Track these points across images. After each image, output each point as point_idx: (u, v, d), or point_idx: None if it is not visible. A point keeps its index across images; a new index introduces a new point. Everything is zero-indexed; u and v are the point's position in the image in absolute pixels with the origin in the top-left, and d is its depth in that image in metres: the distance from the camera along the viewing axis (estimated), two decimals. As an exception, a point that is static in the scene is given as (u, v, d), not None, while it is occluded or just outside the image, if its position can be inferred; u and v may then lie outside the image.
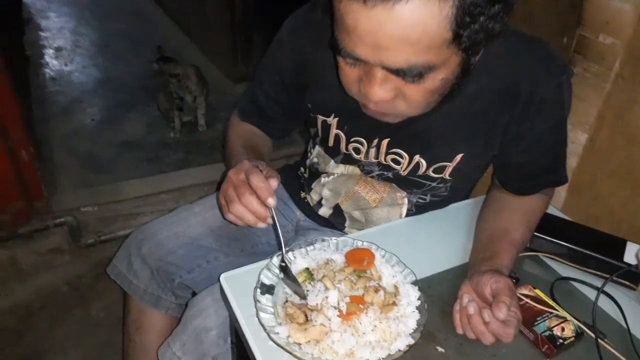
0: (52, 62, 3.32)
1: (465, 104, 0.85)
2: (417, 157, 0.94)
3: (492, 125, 0.88)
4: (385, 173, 0.99)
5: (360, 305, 0.74)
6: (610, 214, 1.05)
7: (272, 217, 0.79)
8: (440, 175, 0.95)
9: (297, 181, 1.19)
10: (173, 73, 2.44)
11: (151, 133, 2.60)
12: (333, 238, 0.91)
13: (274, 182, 0.77)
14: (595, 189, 1.07)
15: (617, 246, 0.92)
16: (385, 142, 0.95)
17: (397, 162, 0.96)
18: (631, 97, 0.95)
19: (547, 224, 0.97)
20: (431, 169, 0.94)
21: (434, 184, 0.98)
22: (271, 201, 0.76)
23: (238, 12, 2.85)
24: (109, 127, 2.62)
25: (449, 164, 0.93)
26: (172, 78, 2.44)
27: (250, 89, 1.09)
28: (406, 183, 0.99)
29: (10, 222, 1.74)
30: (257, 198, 0.77)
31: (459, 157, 0.92)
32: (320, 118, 0.99)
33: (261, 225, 0.79)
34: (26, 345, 1.59)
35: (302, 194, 1.17)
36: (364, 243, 0.89)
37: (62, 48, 3.55)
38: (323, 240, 0.90)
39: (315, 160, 1.10)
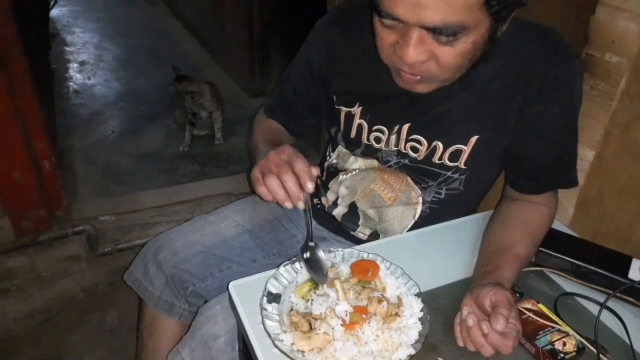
0: (76, 76, 3.43)
1: (482, 87, 0.91)
2: (435, 143, 0.97)
3: (507, 107, 0.91)
4: (402, 160, 1.02)
5: (363, 315, 0.76)
6: (618, 231, 1.05)
7: (306, 202, 0.82)
8: (456, 164, 0.97)
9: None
10: (188, 90, 2.51)
11: (169, 145, 2.66)
12: (339, 249, 0.93)
13: (315, 170, 0.81)
14: (602, 205, 1.07)
15: (622, 262, 0.92)
16: (405, 127, 0.98)
17: (416, 150, 0.99)
18: (637, 114, 0.96)
19: (553, 239, 0.97)
20: (447, 153, 0.97)
21: (449, 174, 0.99)
22: (310, 185, 0.79)
23: (256, 29, 2.91)
24: (129, 139, 2.69)
25: (465, 147, 0.95)
26: (187, 95, 2.51)
27: (278, 88, 1.16)
28: (421, 173, 1.02)
29: (31, 229, 1.80)
30: (296, 179, 0.79)
31: (474, 139, 0.94)
32: (344, 110, 1.04)
33: (288, 205, 0.80)
34: (43, 349, 1.63)
35: (315, 201, 1.20)
36: (370, 255, 0.91)
37: (85, 62, 3.67)
38: (330, 251, 0.93)
39: (334, 161, 1.14)
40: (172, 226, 2.05)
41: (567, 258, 0.93)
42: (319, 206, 1.18)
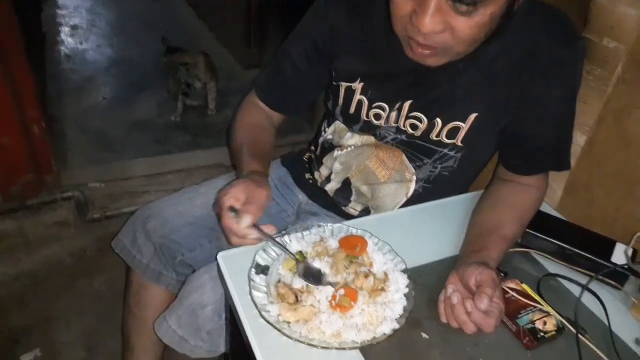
0: (67, 40, 3.36)
1: (487, 65, 0.90)
2: (434, 120, 0.96)
3: (511, 86, 0.91)
4: (399, 136, 1.02)
5: (352, 302, 0.76)
6: (604, 216, 1.06)
7: (263, 238, 0.86)
8: (453, 141, 0.97)
9: (302, 165, 1.22)
10: (182, 62, 2.47)
11: (161, 114, 2.63)
12: (329, 224, 0.93)
13: (246, 220, 0.84)
14: (591, 190, 1.08)
15: (606, 246, 0.94)
16: (407, 104, 0.98)
17: (415, 127, 0.99)
18: (632, 101, 0.97)
19: (540, 222, 0.98)
20: (445, 130, 0.96)
21: (445, 150, 0.99)
22: (252, 236, 0.85)
23: (254, -1, 2.86)
24: (120, 107, 2.65)
25: (463, 124, 0.95)
26: (181, 67, 2.48)
27: (273, 63, 1.12)
28: (417, 149, 1.02)
29: (20, 194, 1.79)
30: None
31: (472, 116, 0.94)
32: (344, 85, 1.03)
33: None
34: (31, 312, 1.64)
35: (307, 175, 1.19)
36: (358, 230, 0.91)
37: (78, 26, 3.58)
38: (319, 226, 0.93)
39: (329, 137, 1.13)
40: (162, 195, 2.04)
41: (553, 240, 0.95)
42: (310, 181, 1.18)
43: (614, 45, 0.98)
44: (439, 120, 0.96)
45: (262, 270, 0.84)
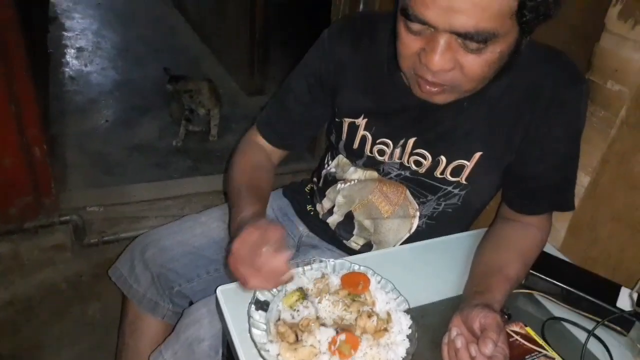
0: (72, 62, 3.39)
1: (491, 104, 0.90)
2: (439, 157, 0.96)
3: (514, 125, 0.91)
4: (403, 172, 1.01)
5: (353, 351, 0.74)
6: (608, 258, 1.05)
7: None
8: (457, 179, 0.97)
9: (303, 196, 1.22)
10: (186, 89, 2.49)
11: (162, 138, 2.64)
12: (331, 260, 0.92)
13: (286, 253, 0.77)
14: (594, 231, 1.07)
15: (611, 290, 0.93)
16: (411, 141, 0.97)
17: (419, 164, 0.98)
18: (635, 144, 0.97)
19: (544, 263, 0.97)
20: (449, 168, 0.96)
21: (449, 188, 0.99)
22: (286, 277, 0.79)
23: (258, 27, 2.90)
24: (122, 130, 2.67)
25: (467, 163, 0.95)
26: (185, 94, 2.50)
27: (275, 98, 1.12)
28: (422, 186, 1.01)
29: (17, 216, 1.77)
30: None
31: (477, 155, 0.94)
32: (348, 120, 1.02)
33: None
34: (23, 338, 1.61)
35: (309, 207, 1.18)
36: (361, 267, 0.90)
37: (83, 49, 3.63)
38: (321, 261, 0.92)
39: (333, 170, 1.12)
40: (161, 221, 2.04)
41: (557, 283, 0.93)
42: (312, 213, 1.17)
43: (618, 89, 0.98)
44: (443, 158, 0.96)
45: (262, 306, 0.83)
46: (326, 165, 1.15)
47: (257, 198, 0.99)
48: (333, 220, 1.12)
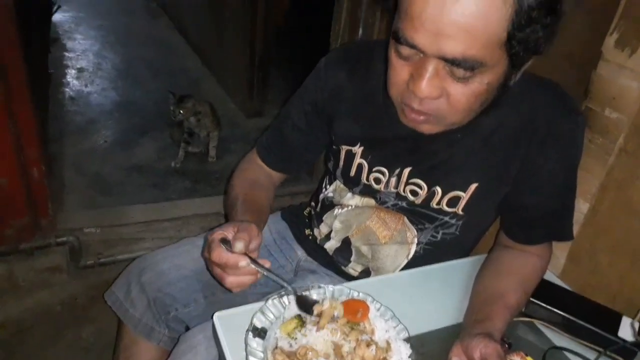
0: (73, 82, 3.41)
1: (485, 136, 0.90)
2: (434, 188, 0.96)
3: (509, 157, 0.91)
4: (400, 203, 1.01)
5: None
6: (608, 285, 1.05)
7: (259, 271, 0.83)
8: (454, 210, 0.97)
9: (301, 220, 1.21)
10: (196, 111, 2.49)
11: (161, 159, 2.64)
12: (330, 286, 0.91)
13: (239, 245, 0.81)
14: (594, 258, 1.07)
15: (612, 319, 0.92)
16: (406, 171, 0.97)
17: (415, 194, 0.98)
18: (634, 172, 0.97)
19: (544, 291, 0.97)
20: (445, 199, 0.96)
21: (446, 219, 0.99)
22: (243, 263, 0.81)
23: (258, 50, 2.93)
24: (121, 150, 2.67)
25: (463, 194, 0.95)
26: (192, 117, 2.50)
27: (275, 123, 1.14)
28: (419, 215, 1.01)
29: (14, 237, 1.75)
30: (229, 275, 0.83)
31: (473, 186, 0.94)
32: (345, 148, 1.03)
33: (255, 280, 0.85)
34: (15, 362, 1.58)
35: (307, 231, 1.18)
36: (360, 294, 0.89)
37: (84, 69, 3.65)
38: (319, 287, 0.91)
39: (330, 194, 1.12)
40: (158, 243, 2.03)
41: (558, 311, 0.93)
42: (310, 237, 1.17)
43: (616, 116, 0.99)
44: (438, 189, 0.96)
45: (260, 333, 0.82)
46: (324, 190, 1.15)
47: (251, 211, 0.99)
48: (330, 246, 1.11)
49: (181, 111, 2.48)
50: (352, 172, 1.03)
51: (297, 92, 1.09)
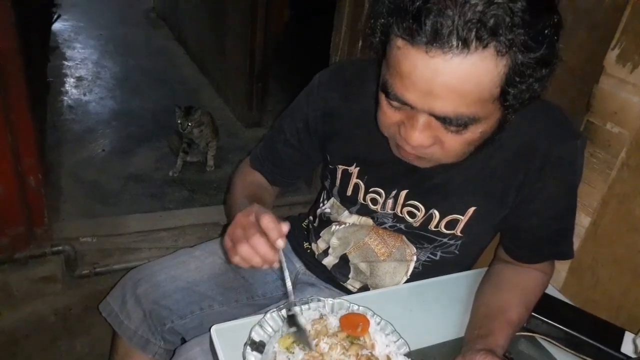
0: (71, 91, 3.41)
1: (484, 160, 0.88)
2: (432, 211, 0.95)
3: (508, 181, 0.89)
4: (398, 225, 1.00)
5: None
6: (610, 300, 1.04)
7: (280, 261, 0.79)
8: (452, 232, 0.96)
9: (300, 232, 1.20)
10: (201, 122, 2.50)
11: (159, 169, 2.63)
12: (329, 299, 0.90)
13: (285, 226, 0.77)
14: (596, 273, 1.06)
15: (615, 335, 0.91)
16: (403, 193, 0.96)
17: (413, 215, 0.97)
18: (636, 186, 0.96)
19: (546, 306, 0.95)
20: (443, 222, 0.95)
21: (445, 240, 0.97)
22: (280, 242, 0.76)
23: (257, 60, 2.94)
24: (118, 159, 2.66)
25: (462, 217, 0.93)
26: (197, 128, 2.50)
27: (268, 137, 1.12)
28: (417, 236, 0.99)
29: (8, 246, 1.74)
30: (267, 240, 0.76)
31: (471, 210, 0.93)
32: (341, 167, 1.01)
33: (266, 267, 0.79)
34: (7, 374, 1.56)
35: (306, 245, 1.17)
36: (360, 308, 0.88)
37: (83, 78, 3.65)
38: (319, 300, 0.90)
39: (327, 210, 1.11)
40: (154, 253, 2.01)
41: (560, 326, 0.91)
42: (309, 251, 1.16)
43: (618, 131, 0.99)
44: (436, 212, 0.94)
45: (257, 347, 0.80)
46: (321, 205, 1.14)
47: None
48: (329, 262, 1.10)
49: (189, 123, 2.48)
50: (349, 192, 1.02)
51: (289, 108, 1.07)
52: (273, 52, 2.98)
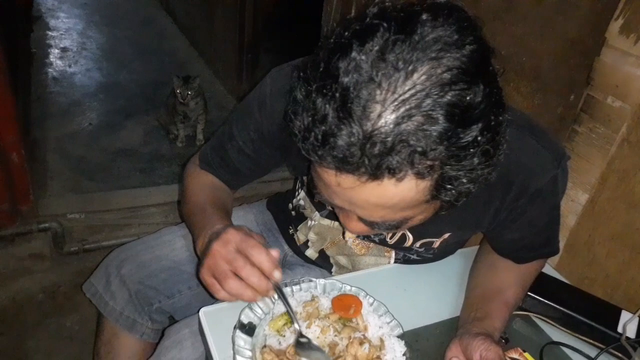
0: (56, 62, 3.31)
1: None
2: (406, 233, 0.92)
3: (482, 210, 0.85)
4: (372, 236, 0.96)
5: None
6: (606, 278, 1.03)
7: (279, 291, 0.75)
8: (427, 249, 0.96)
9: (286, 215, 1.14)
10: (200, 91, 2.47)
11: (147, 143, 2.58)
12: (321, 280, 0.87)
13: (275, 252, 0.73)
14: (592, 250, 1.04)
15: (611, 314, 0.90)
16: None
17: (386, 234, 0.94)
18: (636, 163, 0.94)
19: (542, 285, 0.94)
20: (418, 243, 0.93)
21: (421, 250, 0.97)
22: (277, 274, 0.72)
23: (247, 32, 2.86)
24: (106, 133, 2.60)
25: (437, 239, 0.93)
26: (196, 98, 2.47)
27: (217, 141, 1.01)
28: (392, 247, 0.98)
29: (-7, 223, 1.70)
30: (258, 270, 0.72)
31: (446, 235, 0.92)
32: (306, 178, 0.97)
33: (259, 299, 0.76)
34: (-5, 353, 1.54)
35: (291, 231, 1.13)
36: (352, 288, 0.86)
37: (68, 49, 3.55)
38: (310, 281, 0.87)
39: (301, 202, 1.06)
40: (144, 229, 1.98)
41: (556, 306, 0.90)
42: (294, 237, 1.11)
43: (619, 105, 0.95)
44: (410, 235, 0.92)
45: (248, 330, 0.78)
46: (297, 194, 1.09)
47: (226, 215, 0.92)
48: (310, 254, 1.08)
49: (189, 92, 2.43)
50: (316, 199, 0.95)
51: (238, 112, 0.96)
52: (263, 24, 2.89)
